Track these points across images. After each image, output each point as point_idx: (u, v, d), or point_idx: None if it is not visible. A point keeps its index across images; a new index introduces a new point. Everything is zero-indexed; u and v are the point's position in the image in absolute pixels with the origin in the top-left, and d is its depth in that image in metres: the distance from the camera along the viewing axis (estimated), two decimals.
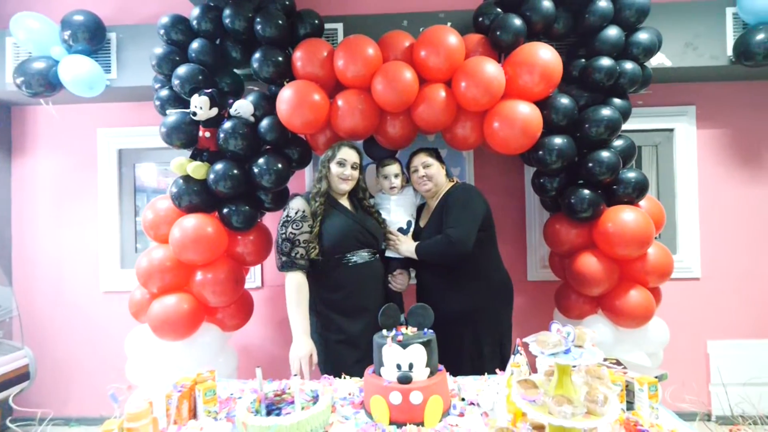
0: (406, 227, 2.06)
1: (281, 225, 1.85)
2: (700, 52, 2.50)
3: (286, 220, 1.85)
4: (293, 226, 1.83)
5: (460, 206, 1.92)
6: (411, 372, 1.29)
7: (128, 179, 3.04)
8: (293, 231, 1.83)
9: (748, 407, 2.64)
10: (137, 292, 2.34)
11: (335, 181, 1.91)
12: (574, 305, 2.34)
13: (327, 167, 1.92)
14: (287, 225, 1.84)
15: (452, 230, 1.86)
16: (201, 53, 2.23)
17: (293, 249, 1.82)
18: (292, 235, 1.82)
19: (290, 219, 1.84)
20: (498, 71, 2.06)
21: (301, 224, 1.83)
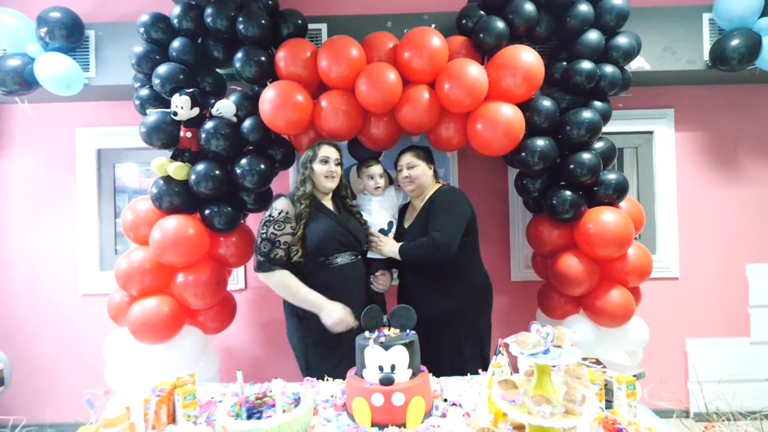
0: (387, 228, 2.07)
1: (263, 224, 1.83)
2: (678, 56, 2.55)
3: (268, 219, 1.82)
4: (275, 226, 1.81)
5: (445, 210, 1.93)
6: (393, 373, 1.29)
7: (108, 180, 2.98)
8: (274, 231, 1.81)
9: (723, 404, 2.70)
10: (116, 295, 2.29)
11: (321, 180, 1.90)
12: (556, 305, 2.37)
13: (310, 168, 1.90)
14: (269, 225, 1.82)
15: (437, 233, 1.87)
16: (182, 52, 2.20)
17: (272, 250, 1.80)
18: (273, 236, 1.80)
19: (272, 219, 1.82)
20: (481, 73, 2.08)
21: (283, 225, 1.81)
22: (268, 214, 1.84)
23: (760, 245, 2.88)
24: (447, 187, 2.05)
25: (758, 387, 2.76)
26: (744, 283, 2.88)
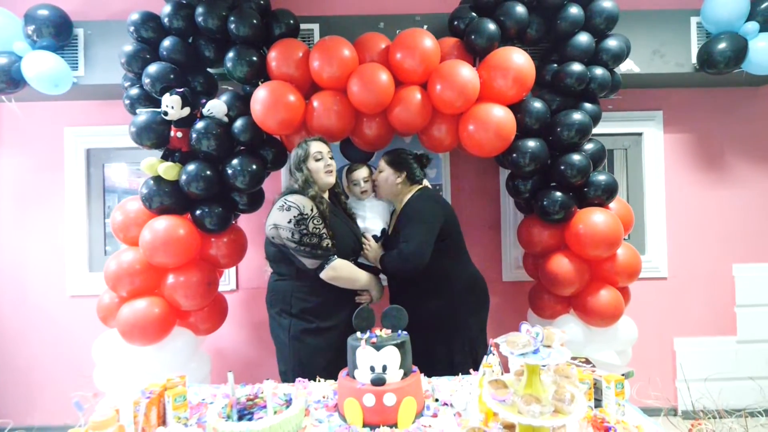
0: (380, 236, 2.06)
1: (295, 224, 1.72)
2: (666, 59, 2.59)
3: (300, 218, 1.73)
4: (313, 221, 1.74)
5: (412, 219, 1.91)
6: (384, 374, 1.29)
7: (97, 180, 2.94)
8: (316, 225, 1.74)
9: (710, 402, 2.74)
10: (106, 296, 2.27)
11: (321, 177, 1.86)
12: (547, 305, 2.39)
13: (306, 168, 1.86)
14: (304, 221, 1.73)
15: (405, 245, 1.86)
16: (173, 51, 2.19)
17: (321, 241, 1.75)
18: (316, 229, 1.74)
19: (306, 215, 1.74)
20: (473, 75, 2.09)
21: (319, 219, 1.76)
22: (297, 213, 1.73)
23: (746, 245, 2.93)
24: (418, 194, 2.00)
25: (744, 385, 2.80)
26: (731, 283, 2.92)
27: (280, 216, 1.77)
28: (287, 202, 1.77)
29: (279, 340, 1.89)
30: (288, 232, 1.74)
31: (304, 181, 1.84)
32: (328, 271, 1.78)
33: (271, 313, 1.90)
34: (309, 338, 1.82)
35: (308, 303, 1.83)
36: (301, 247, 1.74)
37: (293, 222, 1.74)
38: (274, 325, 1.90)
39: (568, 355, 0.97)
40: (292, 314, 1.83)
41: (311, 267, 1.78)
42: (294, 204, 1.76)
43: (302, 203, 1.76)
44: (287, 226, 1.74)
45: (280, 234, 1.77)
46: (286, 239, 1.75)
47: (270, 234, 1.82)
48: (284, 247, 1.79)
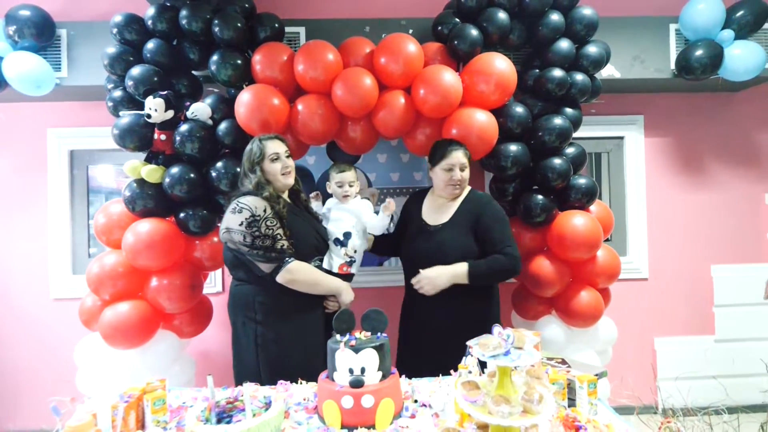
0: (342, 239, 1.97)
1: (246, 226, 1.65)
2: (646, 65, 2.64)
3: (252, 220, 1.65)
4: (266, 223, 1.66)
5: (501, 220, 1.88)
6: (363, 376, 1.31)
7: (81, 181, 2.92)
8: (269, 226, 1.66)
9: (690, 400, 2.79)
10: (88, 299, 2.25)
11: (278, 179, 1.77)
12: (529, 306, 2.42)
13: (260, 169, 1.75)
14: (256, 223, 1.65)
15: (510, 248, 1.83)
16: (156, 54, 2.18)
17: (275, 243, 1.67)
18: (270, 231, 1.66)
19: (259, 217, 1.66)
20: (455, 80, 2.12)
21: (273, 221, 1.68)
22: (248, 215, 1.65)
23: (724, 247, 3.00)
24: (477, 193, 2.00)
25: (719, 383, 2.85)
26: (709, 284, 2.99)
27: (231, 219, 1.68)
28: (239, 204, 1.69)
29: (244, 350, 1.77)
30: (240, 236, 1.66)
31: (257, 184, 1.74)
32: (284, 275, 1.70)
33: (235, 322, 1.79)
34: (277, 344, 1.74)
35: (273, 307, 1.75)
36: (254, 251, 1.66)
37: (245, 224, 1.65)
38: (238, 334, 1.79)
39: (537, 357, 1.00)
40: (257, 321, 1.74)
41: (267, 271, 1.70)
42: (246, 206, 1.68)
43: (254, 204, 1.68)
44: (239, 229, 1.66)
45: (233, 238, 1.68)
46: (239, 243, 1.67)
47: (224, 238, 1.73)
48: (239, 251, 1.71)
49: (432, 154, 1.98)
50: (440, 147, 1.95)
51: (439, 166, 1.93)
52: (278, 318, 1.75)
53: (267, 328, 1.74)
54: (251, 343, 1.75)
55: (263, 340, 1.74)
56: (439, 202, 1.99)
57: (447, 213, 1.94)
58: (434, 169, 1.96)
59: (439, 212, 1.97)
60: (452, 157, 1.90)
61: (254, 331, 1.75)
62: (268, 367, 1.73)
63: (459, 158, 1.91)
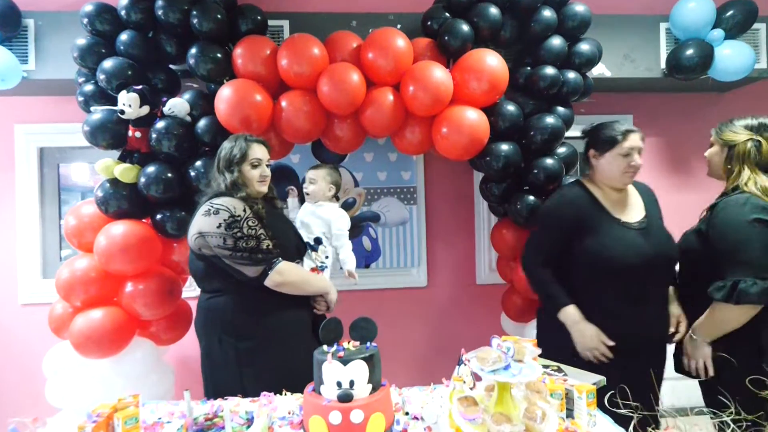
0: (313, 244, 1.88)
1: (226, 228, 1.51)
2: (636, 64, 2.62)
3: (232, 220, 1.52)
4: (248, 223, 1.53)
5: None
6: (352, 389, 1.23)
7: (51, 180, 2.77)
8: (251, 226, 1.53)
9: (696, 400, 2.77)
10: (58, 306, 2.13)
11: (253, 186, 1.66)
12: (520, 309, 2.38)
13: (237, 170, 1.63)
14: (237, 224, 1.51)
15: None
16: (130, 46, 2.05)
17: (260, 243, 1.54)
18: (253, 231, 1.53)
19: (239, 217, 1.53)
20: (446, 77, 2.05)
21: (255, 220, 1.56)
22: (227, 216, 1.52)
23: None
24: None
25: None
26: None
27: (206, 222, 1.53)
28: (214, 206, 1.54)
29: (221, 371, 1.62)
30: (219, 239, 1.51)
31: (232, 184, 1.61)
32: (274, 277, 1.57)
33: (209, 341, 1.63)
34: (265, 356, 1.60)
35: (257, 316, 1.61)
36: (238, 254, 1.52)
37: (224, 226, 1.51)
38: (213, 355, 1.62)
39: (539, 371, 0.94)
40: (236, 334, 1.59)
41: (253, 275, 1.56)
42: (223, 206, 1.53)
43: (232, 205, 1.55)
44: (217, 232, 1.51)
45: (208, 243, 1.53)
46: (217, 247, 1.52)
47: (195, 245, 1.56)
48: (216, 258, 1.55)
49: (598, 139, 1.75)
50: (612, 130, 1.73)
51: (615, 151, 1.70)
52: (263, 327, 1.63)
53: (251, 342, 1.60)
54: (232, 363, 1.59)
55: (248, 356, 1.59)
56: (614, 195, 1.75)
57: (635, 206, 1.76)
58: (604, 156, 1.73)
59: (626, 206, 1.75)
60: (631, 140, 1.71)
61: (233, 348, 1.59)
62: (256, 383, 1.57)
63: (638, 142, 1.72)
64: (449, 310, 2.89)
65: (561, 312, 1.70)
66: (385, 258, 2.81)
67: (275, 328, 1.65)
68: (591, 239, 1.68)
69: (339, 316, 1.49)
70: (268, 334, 1.63)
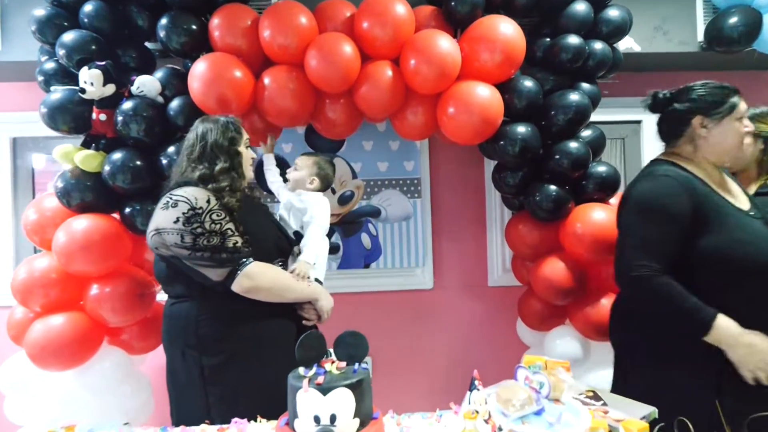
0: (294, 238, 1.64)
1: (184, 222, 1.27)
2: (669, 36, 2.32)
3: (192, 214, 1.28)
4: (211, 216, 1.29)
5: None
6: (333, 426, 0.97)
7: (25, 172, 2.56)
8: (215, 220, 1.29)
9: None
10: (18, 310, 1.90)
11: (248, 170, 1.49)
12: (539, 315, 2.10)
13: (235, 151, 1.43)
14: (197, 218, 1.27)
15: None
16: (96, 18, 1.82)
17: (226, 240, 1.30)
18: (217, 226, 1.29)
19: (201, 209, 1.29)
20: (453, 47, 1.78)
21: (221, 213, 1.32)
22: (186, 209, 1.28)
23: None
24: None
25: None
26: None
27: (163, 216, 1.30)
28: (173, 197, 1.31)
29: (184, 392, 1.39)
30: (176, 236, 1.27)
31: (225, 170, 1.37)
32: (241, 281, 1.32)
33: (173, 353, 1.40)
34: (231, 378, 1.36)
35: (222, 327, 1.36)
36: (198, 253, 1.28)
37: (182, 221, 1.27)
38: (175, 372, 1.40)
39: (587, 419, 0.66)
40: (201, 348, 1.34)
41: (218, 279, 1.31)
42: (182, 198, 1.29)
43: (193, 195, 1.30)
44: (173, 228, 1.27)
45: (165, 240, 1.30)
46: (175, 246, 1.28)
47: (153, 243, 1.33)
48: (176, 259, 1.32)
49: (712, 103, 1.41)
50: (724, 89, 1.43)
51: (734, 115, 1.37)
52: (232, 340, 1.37)
53: (216, 356, 1.35)
54: (195, 380, 1.35)
55: (214, 373, 1.35)
56: (717, 177, 1.43)
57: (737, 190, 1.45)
58: (721, 123, 1.39)
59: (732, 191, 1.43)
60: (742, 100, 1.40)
61: (197, 363, 1.34)
62: (223, 407, 1.33)
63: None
64: (458, 316, 2.61)
65: (714, 328, 1.25)
66: (387, 257, 2.54)
67: (248, 341, 1.37)
68: (717, 234, 1.31)
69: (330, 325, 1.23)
70: (239, 348, 1.37)
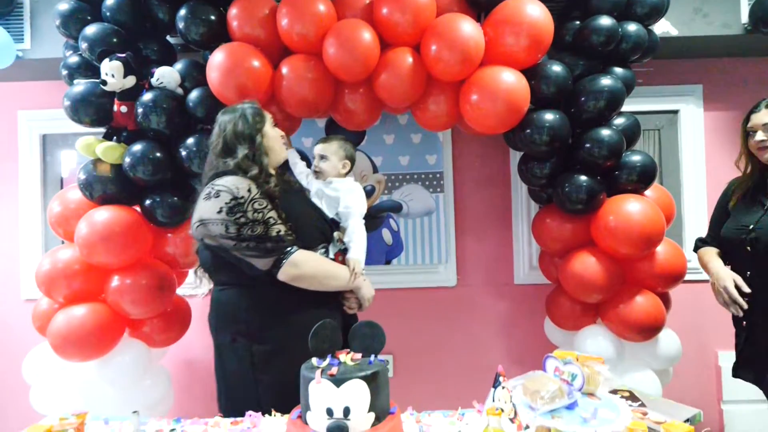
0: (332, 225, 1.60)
1: (228, 212, 1.27)
2: (710, 19, 2.17)
3: (235, 203, 1.28)
4: (253, 205, 1.29)
5: None
6: (347, 419, 0.91)
7: (54, 169, 2.63)
8: (257, 209, 1.29)
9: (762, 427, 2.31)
10: (44, 301, 1.93)
11: (279, 150, 1.46)
12: (568, 314, 1.99)
13: (260, 136, 1.39)
14: (240, 207, 1.28)
15: None
16: (117, 12, 1.84)
17: (269, 229, 1.30)
18: (260, 215, 1.29)
19: (243, 199, 1.29)
20: (476, 31, 1.71)
21: (263, 201, 1.31)
22: (229, 199, 1.28)
23: None
24: None
25: None
26: None
27: (206, 207, 1.30)
28: (214, 187, 1.31)
29: (234, 378, 1.39)
30: (221, 226, 1.27)
31: (248, 157, 1.36)
32: (288, 270, 1.31)
33: (220, 342, 1.41)
34: (279, 367, 1.34)
35: (271, 315, 1.36)
36: (243, 243, 1.28)
37: (225, 211, 1.27)
38: (224, 359, 1.40)
39: (628, 415, 0.58)
40: (250, 335, 1.35)
41: (264, 268, 1.31)
42: (224, 187, 1.29)
43: (235, 184, 1.30)
44: (218, 218, 1.27)
45: (210, 231, 1.30)
46: (220, 236, 1.29)
47: (198, 235, 1.35)
48: (221, 249, 1.33)
49: None
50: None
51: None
52: (281, 328, 1.36)
53: (265, 344, 1.35)
54: (245, 366, 1.35)
55: (261, 359, 1.35)
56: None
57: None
58: None
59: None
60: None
61: (247, 350, 1.35)
62: (272, 393, 1.32)
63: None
64: (482, 315, 2.51)
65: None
66: (408, 253, 2.48)
67: (295, 330, 1.31)
68: None
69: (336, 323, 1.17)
70: (287, 337, 1.34)
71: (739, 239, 1.58)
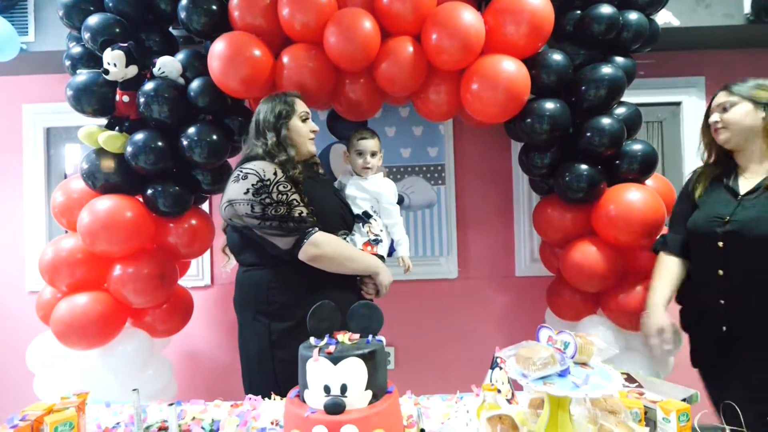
0: (362, 216, 1.66)
1: (254, 193, 1.37)
2: (712, 9, 2.17)
3: (261, 185, 1.37)
4: (278, 188, 1.38)
5: None
6: (344, 397, 0.92)
7: (58, 162, 2.65)
8: (282, 191, 1.38)
9: None
10: (47, 291, 1.95)
11: (305, 144, 1.54)
12: (569, 304, 1.99)
13: (285, 127, 1.49)
14: (265, 189, 1.37)
15: None
16: (120, 2, 1.86)
17: (292, 210, 1.38)
18: (284, 196, 1.38)
19: (268, 181, 1.38)
20: (476, 20, 1.71)
21: (288, 184, 1.40)
22: (255, 181, 1.37)
23: None
24: None
25: None
26: None
27: (234, 188, 1.41)
28: (243, 170, 1.41)
29: (254, 356, 1.47)
30: (247, 206, 1.37)
31: (276, 145, 1.46)
32: (308, 248, 1.39)
33: (244, 319, 1.50)
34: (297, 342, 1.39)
35: (291, 295, 1.44)
36: (267, 222, 1.37)
37: (251, 192, 1.37)
38: (246, 334, 1.50)
39: (619, 382, 0.58)
40: (269, 314, 1.44)
41: (285, 247, 1.39)
42: (251, 170, 1.40)
43: (262, 168, 1.40)
44: (244, 198, 1.38)
45: (237, 211, 1.41)
46: (246, 216, 1.39)
47: (226, 215, 1.46)
48: (247, 229, 1.43)
49: None
50: None
51: None
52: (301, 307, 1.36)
53: (284, 321, 1.43)
54: (265, 344, 1.43)
55: (280, 336, 1.43)
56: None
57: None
58: None
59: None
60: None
61: (266, 329, 1.43)
62: (286, 371, 1.38)
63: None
64: (483, 307, 2.51)
65: None
66: (410, 245, 2.47)
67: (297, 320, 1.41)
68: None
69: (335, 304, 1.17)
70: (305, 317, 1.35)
71: (711, 232, 1.39)
